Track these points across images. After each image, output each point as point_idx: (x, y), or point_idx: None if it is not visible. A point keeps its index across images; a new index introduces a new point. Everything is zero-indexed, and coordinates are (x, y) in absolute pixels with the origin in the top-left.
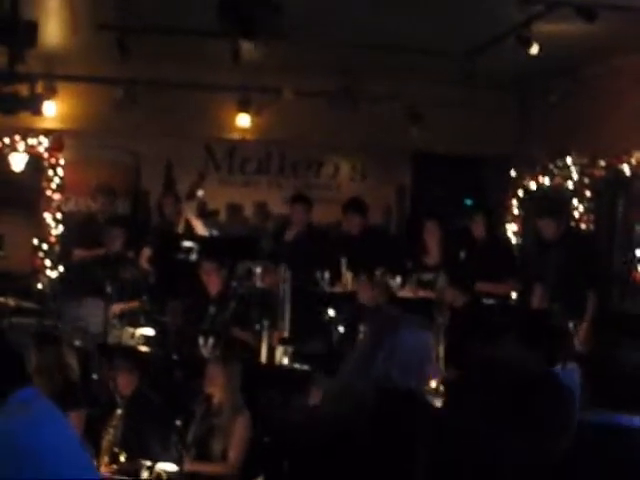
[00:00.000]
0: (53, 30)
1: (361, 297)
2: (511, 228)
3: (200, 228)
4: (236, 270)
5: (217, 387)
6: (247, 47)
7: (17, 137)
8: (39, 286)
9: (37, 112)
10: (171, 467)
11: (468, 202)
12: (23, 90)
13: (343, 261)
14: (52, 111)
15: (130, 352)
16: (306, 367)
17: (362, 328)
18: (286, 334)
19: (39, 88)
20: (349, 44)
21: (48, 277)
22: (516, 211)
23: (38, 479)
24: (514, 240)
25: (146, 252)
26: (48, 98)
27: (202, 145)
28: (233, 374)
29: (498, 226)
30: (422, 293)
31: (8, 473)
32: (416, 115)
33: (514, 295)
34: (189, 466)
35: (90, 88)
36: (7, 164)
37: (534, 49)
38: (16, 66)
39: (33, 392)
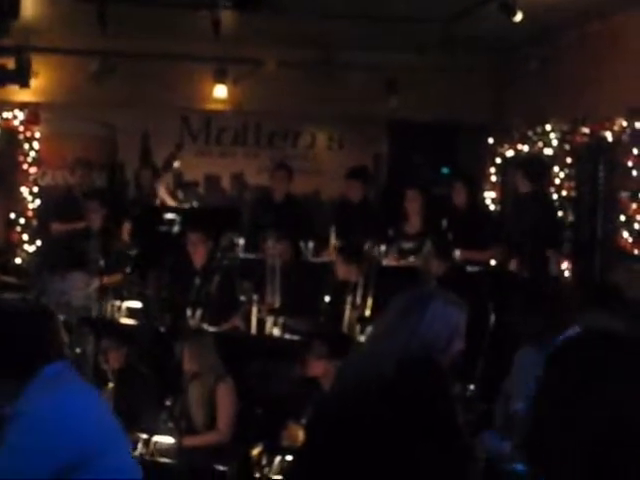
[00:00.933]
0: (30, 2)
1: (339, 273)
2: (489, 196)
3: (171, 202)
4: (220, 241)
5: (191, 361)
6: (229, 18)
7: None
8: (17, 261)
9: (25, 85)
10: (167, 440)
11: (445, 170)
12: (9, 63)
13: (332, 230)
14: None
15: (116, 328)
16: (297, 337)
17: (349, 300)
18: (277, 305)
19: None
20: (326, 14)
21: (26, 251)
22: (494, 179)
23: (70, 453)
24: (492, 208)
25: (127, 225)
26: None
27: (178, 116)
28: (205, 346)
29: (477, 194)
30: (403, 262)
31: (41, 448)
32: (393, 84)
33: (493, 262)
34: (186, 442)
35: (66, 60)
36: None
37: (518, 17)
38: (1, 39)
39: (63, 366)
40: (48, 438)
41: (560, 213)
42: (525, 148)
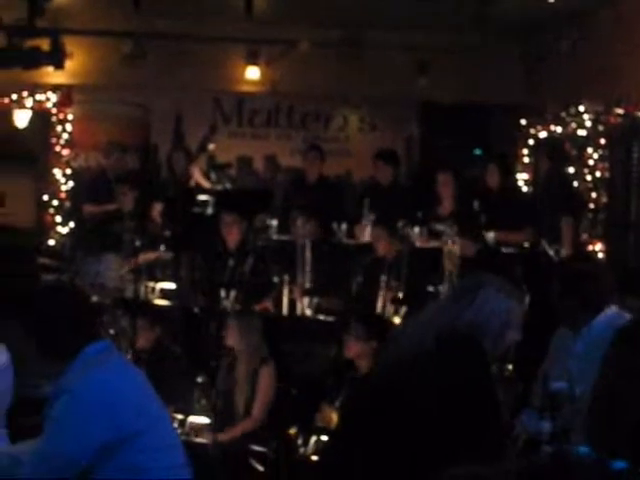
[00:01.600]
0: None
1: (378, 249)
2: (522, 177)
3: (205, 184)
4: (253, 223)
5: (239, 340)
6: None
7: (25, 93)
8: (51, 242)
9: (60, 66)
10: (203, 420)
11: (477, 152)
12: (44, 45)
13: (366, 205)
14: None
15: (150, 307)
16: (330, 318)
17: (382, 279)
18: (308, 285)
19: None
20: None
21: (59, 233)
22: (526, 160)
23: (111, 430)
24: (525, 189)
25: (157, 206)
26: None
27: (211, 98)
28: (252, 326)
29: (510, 175)
30: (434, 243)
31: (82, 426)
32: (424, 65)
33: (526, 244)
34: (220, 437)
35: (99, 42)
36: (12, 121)
37: None
38: (35, 20)
39: (105, 345)
40: (89, 416)
41: (576, 183)
42: (558, 129)
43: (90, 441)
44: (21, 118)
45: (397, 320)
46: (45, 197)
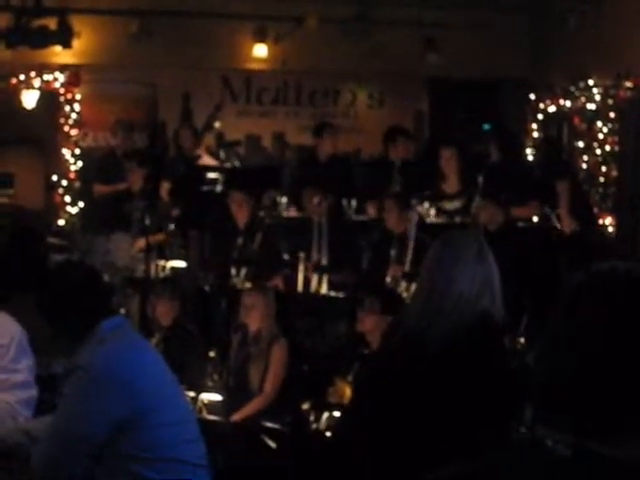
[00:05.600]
0: None
1: (390, 224)
2: (531, 152)
3: (212, 162)
4: (262, 200)
5: (254, 316)
6: None
7: (32, 74)
8: (61, 222)
9: (67, 45)
10: (215, 397)
11: (486, 127)
12: (51, 24)
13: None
14: None
15: (169, 281)
16: (342, 295)
17: (393, 254)
18: (324, 262)
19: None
20: None
21: (69, 213)
22: (536, 135)
23: (125, 406)
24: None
25: (165, 185)
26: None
27: (219, 76)
28: (269, 302)
29: (517, 150)
30: (443, 220)
31: (96, 401)
32: (432, 41)
33: (535, 218)
34: (233, 417)
35: (106, 21)
36: (19, 101)
37: None
38: (42, 0)
39: (119, 321)
40: (105, 391)
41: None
42: (567, 103)
43: (104, 417)
44: (29, 99)
45: (407, 295)
46: (54, 177)
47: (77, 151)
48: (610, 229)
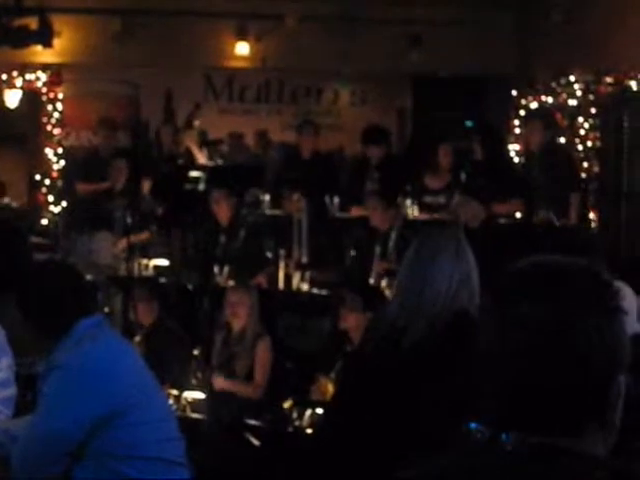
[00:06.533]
0: None
1: (373, 220)
2: (513, 148)
3: (202, 158)
4: (244, 198)
5: (238, 314)
6: None
7: (14, 73)
8: (44, 222)
9: (48, 45)
10: (198, 395)
11: (469, 124)
12: (32, 24)
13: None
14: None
15: (148, 281)
16: (325, 292)
17: (377, 251)
18: (304, 260)
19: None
20: None
21: (52, 212)
22: (517, 131)
23: (104, 405)
24: (517, 160)
25: (146, 183)
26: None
27: (201, 74)
28: (253, 300)
29: (499, 146)
30: (426, 216)
31: (74, 401)
32: (416, 38)
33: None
34: (218, 384)
35: (87, 20)
36: (2, 101)
37: None
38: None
39: (98, 320)
40: (82, 390)
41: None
42: (549, 100)
43: (83, 416)
44: (12, 98)
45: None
46: (37, 177)
47: (60, 150)
48: (592, 224)
